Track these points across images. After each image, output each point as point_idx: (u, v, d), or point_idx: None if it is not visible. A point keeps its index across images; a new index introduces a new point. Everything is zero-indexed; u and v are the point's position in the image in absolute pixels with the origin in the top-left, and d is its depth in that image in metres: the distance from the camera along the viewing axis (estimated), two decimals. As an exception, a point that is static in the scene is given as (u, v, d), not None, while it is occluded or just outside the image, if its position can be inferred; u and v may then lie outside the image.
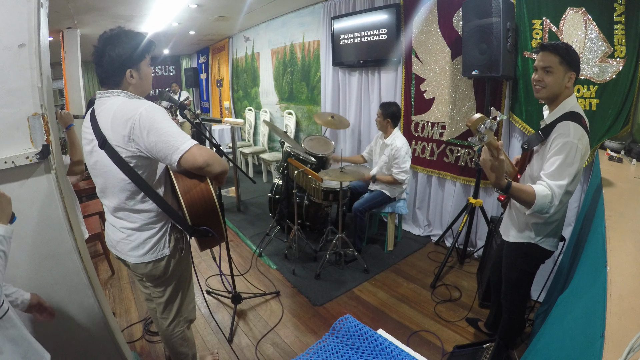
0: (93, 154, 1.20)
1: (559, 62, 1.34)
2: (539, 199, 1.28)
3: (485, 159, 1.27)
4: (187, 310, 1.53)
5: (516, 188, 1.31)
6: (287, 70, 5.02)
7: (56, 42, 4.43)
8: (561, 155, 1.30)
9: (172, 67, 9.10)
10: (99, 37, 1.19)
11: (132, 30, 1.22)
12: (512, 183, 1.31)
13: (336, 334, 1.07)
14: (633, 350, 0.59)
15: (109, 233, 1.35)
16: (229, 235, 3.25)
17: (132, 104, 1.15)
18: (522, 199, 1.33)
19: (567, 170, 1.29)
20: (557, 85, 1.37)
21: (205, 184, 1.26)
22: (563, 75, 1.35)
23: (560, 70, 1.35)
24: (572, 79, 1.36)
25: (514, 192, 1.32)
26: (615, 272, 0.87)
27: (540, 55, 1.39)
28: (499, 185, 1.30)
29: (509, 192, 1.31)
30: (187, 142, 1.12)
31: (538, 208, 1.30)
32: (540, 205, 1.29)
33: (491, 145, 1.23)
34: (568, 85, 1.37)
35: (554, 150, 1.33)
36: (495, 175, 1.27)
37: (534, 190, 1.29)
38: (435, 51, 3.03)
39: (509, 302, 1.71)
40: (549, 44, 1.37)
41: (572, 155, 1.29)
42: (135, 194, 1.22)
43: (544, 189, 1.30)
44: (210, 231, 1.28)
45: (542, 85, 1.39)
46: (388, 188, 2.95)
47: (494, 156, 1.24)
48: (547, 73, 1.37)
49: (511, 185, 1.30)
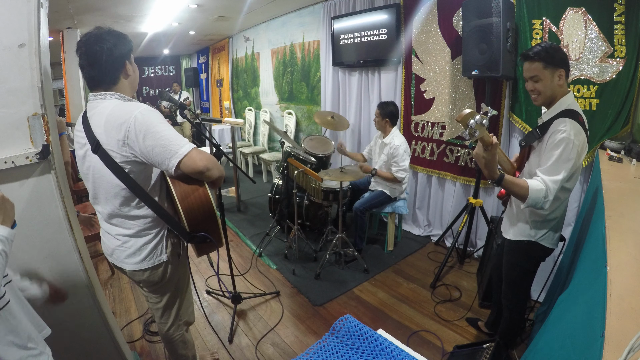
0: (86, 158, 1.15)
1: (543, 67, 1.36)
2: (532, 193, 1.31)
3: (477, 153, 1.32)
4: (185, 314, 1.51)
5: (509, 181, 1.34)
6: (287, 70, 5.02)
7: (56, 42, 4.44)
8: (557, 151, 1.31)
9: (172, 67, 9.10)
10: (84, 40, 1.11)
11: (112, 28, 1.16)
12: (504, 175, 1.34)
13: (336, 334, 1.07)
14: (633, 350, 0.59)
15: (105, 241, 1.30)
16: (229, 235, 3.25)
17: (126, 106, 1.11)
18: (516, 192, 1.36)
19: (563, 166, 1.30)
20: (549, 89, 1.39)
21: (203, 190, 1.21)
22: (551, 77, 1.37)
23: (546, 74, 1.36)
24: (562, 76, 1.37)
25: (507, 184, 1.35)
26: (615, 272, 0.87)
27: (525, 65, 1.42)
28: (492, 177, 1.34)
29: (502, 185, 1.35)
30: (185, 146, 1.08)
31: (532, 202, 1.32)
32: (534, 199, 1.31)
33: (484, 141, 1.26)
34: (560, 83, 1.38)
35: (550, 147, 1.34)
36: (488, 168, 1.32)
37: (527, 184, 1.32)
38: (435, 51, 3.03)
39: (509, 300, 1.71)
40: (529, 52, 1.38)
41: (569, 151, 1.30)
42: (130, 200, 1.18)
43: (538, 184, 1.32)
44: (208, 237, 1.23)
45: (536, 93, 1.42)
46: (388, 188, 2.95)
47: (487, 150, 1.28)
48: (536, 82, 1.39)
49: (504, 177, 1.34)
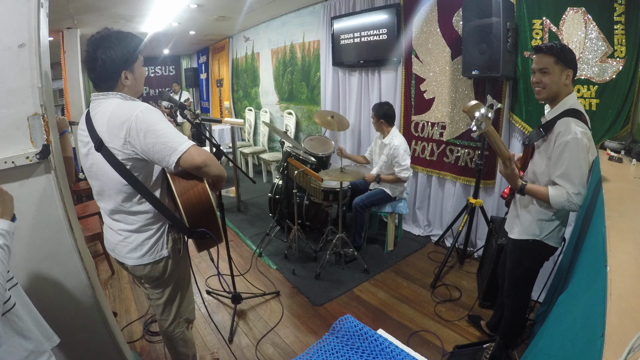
0: (89, 156, 1.19)
1: (554, 62, 1.38)
2: (553, 200, 1.38)
3: (500, 170, 1.50)
4: (186, 311, 1.53)
5: (530, 189, 1.46)
6: (287, 70, 5.02)
7: (56, 42, 4.43)
8: (566, 154, 1.33)
9: (172, 67, 9.09)
10: (88, 40, 1.15)
11: (122, 30, 1.19)
12: (526, 185, 1.47)
13: (336, 334, 1.07)
14: (633, 350, 0.59)
15: (107, 236, 1.34)
16: (229, 235, 3.25)
17: (127, 105, 1.14)
18: (539, 199, 1.47)
19: (575, 166, 1.33)
20: (555, 85, 1.40)
21: (202, 186, 1.25)
22: (560, 74, 1.38)
23: (556, 69, 1.38)
24: (570, 76, 1.39)
25: (529, 192, 1.47)
26: (615, 272, 0.87)
27: (536, 58, 1.44)
28: (515, 188, 1.50)
29: (525, 193, 1.48)
30: (185, 143, 1.12)
31: (559, 207, 1.40)
32: (560, 204, 1.37)
33: (489, 135, 1.33)
34: (566, 82, 1.40)
35: (558, 151, 1.35)
36: (510, 180, 1.49)
37: (547, 192, 1.39)
38: (435, 51, 3.03)
39: (511, 299, 1.71)
40: (543, 45, 1.41)
41: (578, 151, 1.31)
42: (131, 196, 1.21)
43: (556, 190, 1.38)
44: (207, 233, 1.27)
45: (541, 86, 1.43)
46: (389, 187, 2.95)
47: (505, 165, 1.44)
48: (544, 74, 1.41)
49: (525, 187, 1.47)
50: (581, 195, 1.34)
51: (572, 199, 1.33)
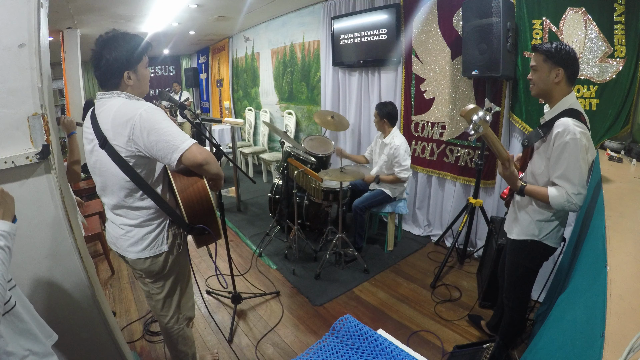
0: (93, 153, 1.23)
1: (543, 60, 1.40)
2: (552, 200, 1.38)
3: (499, 171, 1.50)
4: (186, 308, 1.54)
5: (529, 190, 1.47)
6: (287, 70, 5.02)
7: (56, 42, 4.43)
8: (565, 154, 1.33)
9: (172, 67, 9.10)
10: (96, 40, 1.20)
11: (129, 32, 1.23)
12: (525, 186, 1.47)
13: (336, 334, 1.07)
14: (633, 350, 0.59)
15: (109, 230, 1.37)
16: (229, 235, 3.25)
17: (132, 104, 1.18)
18: (539, 200, 1.47)
19: (575, 166, 1.33)
20: (543, 82, 1.42)
21: (201, 183, 1.29)
22: (548, 71, 1.40)
23: (544, 67, 1.40)
24: (560, 74, 1.38)
25: (528, 193, 1.47)
26: (615, 272, 0.87)
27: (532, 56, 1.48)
28: (515, 189, 1.50)
29: (524, 194, 1.49)
30: (187, 141, 1.16)
31: (559, 207, 1.39)
32: (559, 204, 1.37)
33: (487, 137, 1.33)
34: (556, 81, 1.39)
35: (557, 152, 1.35)
36: (510, 182, 1.50)
37: (547, 192, 1.39)
38: (435, 51, 3.03)
39: (511, 300, 1.71)
40: (538, 44, 1.44)
41: (577, 151, 1.31)
42: (134, 192, 1.25)
43: (556, 191, 1.38)
44: (206, 229, 1.30)
45: (532, 83, 1.47)
46: (389, 187, 2.95)
47: (504, 166, 1.43)
48: (534, 71, 1.45)
49: (524, 188, 1.47)
50: (581, 196, 1.34)
51: (572, 199, 1.33)
